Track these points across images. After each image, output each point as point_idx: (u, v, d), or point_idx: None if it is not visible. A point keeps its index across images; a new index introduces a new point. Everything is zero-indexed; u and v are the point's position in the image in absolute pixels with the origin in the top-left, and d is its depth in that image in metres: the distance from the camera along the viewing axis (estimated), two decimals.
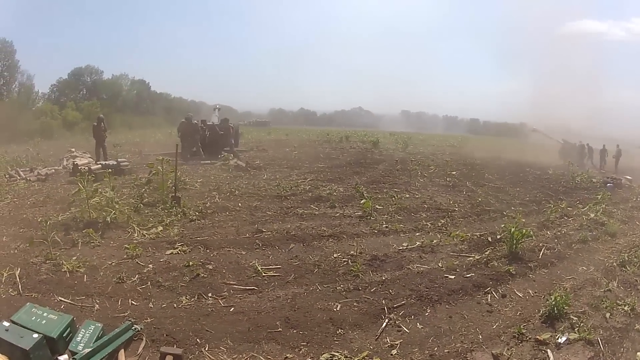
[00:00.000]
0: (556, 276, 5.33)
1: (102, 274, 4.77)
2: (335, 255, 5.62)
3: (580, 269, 5.63)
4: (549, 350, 3.63)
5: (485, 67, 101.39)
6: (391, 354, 3.53)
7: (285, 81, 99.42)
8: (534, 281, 5.15)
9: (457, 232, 6.86)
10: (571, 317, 4.15)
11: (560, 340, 3.77)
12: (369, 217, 7.57)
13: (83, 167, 10.00)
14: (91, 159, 12.87)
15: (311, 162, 15.27)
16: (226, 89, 79.18)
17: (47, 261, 4.97)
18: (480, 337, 3.83)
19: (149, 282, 4.59)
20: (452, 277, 5.06)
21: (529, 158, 20.01)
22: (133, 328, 3.58)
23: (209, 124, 16.30)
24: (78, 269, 4.81)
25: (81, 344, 3.24)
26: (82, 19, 62.92)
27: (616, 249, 6.51)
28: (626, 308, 4.39)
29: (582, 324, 4.03)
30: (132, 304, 4.15)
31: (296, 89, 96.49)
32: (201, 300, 4.28)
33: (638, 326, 4.08)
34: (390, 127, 50.25)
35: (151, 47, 78.20)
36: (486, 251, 6.05)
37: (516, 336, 3.83)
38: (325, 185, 10.52)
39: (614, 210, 9.30)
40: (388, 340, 3.74)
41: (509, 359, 3.51)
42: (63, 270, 4.76)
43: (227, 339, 3.62)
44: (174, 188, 8.05)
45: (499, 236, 6.57)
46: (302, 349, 3.55)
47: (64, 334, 3.30)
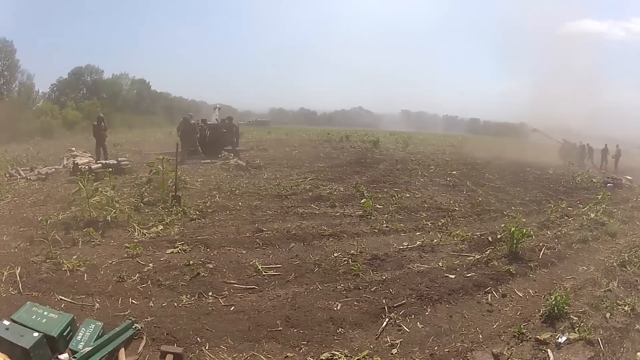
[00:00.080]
0: (556, 276, 5.33)
1: (102, 272, 4.77)
2: (336, 255, 5.62)
3: (581, 268, 5.63)
4: (549, 350, 3.64)
5: (485, 67, 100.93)
6: (391, 353, 3.54)
7: (285, 81, 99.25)
8: (534, 281, 5.15)
9: (457, 232, 6.86)
10: (571, 316, 4.15)
11: (560, 340, 3.77)
12: (370, 217, 7.57)
13: (83, 166, 10.02)
14: (91, 158, 12.86)
15: (311, 161, 15.25)
16: (226, 88, 78.99)
17: (48, 260, 4.97)
18: (481, 336, 3.84)
19: (149, 281, 4.59)
20: (453, 276, 5.06)
21: (529, 158, 19.96)
22: (133, 327, 3.58)
23: (209, 123, 16.29)
24: (78, 268, 4.81)
25: (81, 342, 3.24)
26: (82, 19, 62.93)
27: (616, 249, 6.51)
28: (626, 308, 4.39)
29: (582, 323, 4.03)
30: (132, 302, 4.16)
31: (296, 88, 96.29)
32: (201, 299, 4.29)
33: (638, 326, 4.08)
34: (390, 126, 50.16)
35: (151, 47, 78.11)
36: (486, 251, 6.05)
37: (516, 336, 3.84)
38: (326, 184, 10.52)
39: (614, 210, 9.30)
40: (388, 339, 3.74)
41: (509, 358, 3.51)
42: (63, 269, 4.76)
43: (228, 337, 3.63)
44: (174, 187, 8.06)
45: (499, 236, 6.57)
46: (303, 348, 3.55)
47: (64, 333, 3.31)
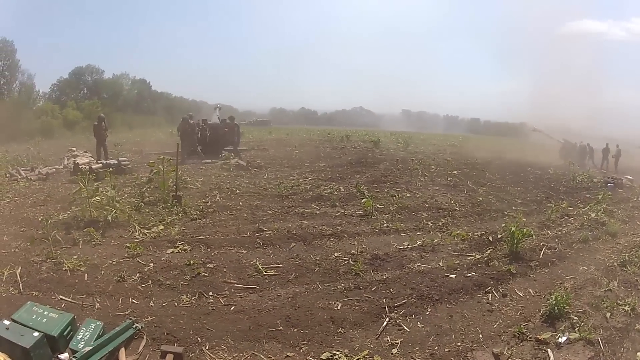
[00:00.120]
0: (557, 276, 5.33)
1: (102, 272, 4.78)
2: (336, 254, 5.62)
3: (581, 268, 5.62)
4: (549, 350, 3.64)
5: (485, 67, 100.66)
6: (392, 353, 3.54)
7: (285, 81, 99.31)
8: (535, 281, 5.14)
9: (458, 232, 6.86)
10: (572, 316, 4.15)
11: (560, 339, 3.77)
12: (370, 216, 7.57)
13: (84, 166, 10.02)
14: (92, 158, 12.87)
15: (312, 161, 15.25)
16: (227, 88, 79.15)
17: (48, 260, 4.97)
18: (481, 336, 3.84)
19: (149, 281, 4.60)
20: (453, 276, 5.06)
21: (529, 158, 19.93)
22: (134, 326, 3.59)
23: (210, 123, 16.28)
24: (79, 268, 4.82)
25: (82, 342, 3.25)
26: (83, 19, 62.79)
27: (617, 249, 6.51)
28: (627, 308, 4.39)
29: (582, 323, 4.03)
30: (132, 302, 4.16)
31: (297, 88, 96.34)
32: (202, 299, 4.29)
33: (638, 326, 4.08)
34: (391, 126, 50.10)
35: (151, 47, 77.98)
36: (487, 250, 6.05)
37: (517, 335, 3.84)
38: (326, 184, 10.52)
39: (614, 210, 9.29)
40: (389, 339, 3.74)
41: (509, 358, 3.51)
42: (64, 269, 4.77)
43: (228, 337, 3.63)
44: (175, 187, 8.07)
45: (499, 235, 6.57)
46: (303, 348, 3.55)
47: (65, 333, 3.31)
